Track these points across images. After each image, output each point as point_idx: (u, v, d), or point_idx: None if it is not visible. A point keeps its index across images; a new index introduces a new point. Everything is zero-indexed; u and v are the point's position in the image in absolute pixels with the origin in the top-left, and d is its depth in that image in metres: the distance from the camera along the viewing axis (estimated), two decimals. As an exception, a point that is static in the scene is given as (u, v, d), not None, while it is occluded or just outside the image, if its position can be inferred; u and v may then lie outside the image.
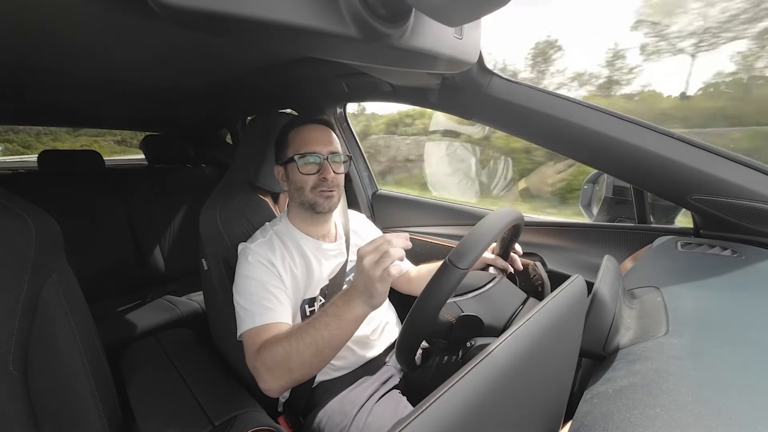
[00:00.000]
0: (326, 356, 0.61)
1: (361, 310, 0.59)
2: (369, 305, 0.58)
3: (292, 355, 0.60)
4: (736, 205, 0.64)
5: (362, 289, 0.57)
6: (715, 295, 0.51)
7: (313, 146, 0.78)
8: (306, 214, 0.82)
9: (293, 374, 0.61)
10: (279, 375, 0.61)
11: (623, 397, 0.35)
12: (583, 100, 0.74)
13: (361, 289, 0.57)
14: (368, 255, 0.56)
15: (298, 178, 0.78)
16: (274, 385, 0.62)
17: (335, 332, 0.59)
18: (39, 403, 0.55)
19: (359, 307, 0.59)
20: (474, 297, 0.66)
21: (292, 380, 0.62)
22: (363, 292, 0.57)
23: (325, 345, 0.59)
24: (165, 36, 0.84)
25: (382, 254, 0.55)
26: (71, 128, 5.77)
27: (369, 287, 0.56)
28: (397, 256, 0.56)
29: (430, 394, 0.26)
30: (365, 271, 0.56)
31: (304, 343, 0.59)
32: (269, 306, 0.69)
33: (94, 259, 1.53)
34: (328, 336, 0.59)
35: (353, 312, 0.59)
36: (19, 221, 0.54)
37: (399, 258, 0.56)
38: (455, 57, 0.52)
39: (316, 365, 0.61)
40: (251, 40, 0.39)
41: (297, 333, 0.61)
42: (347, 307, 0.59)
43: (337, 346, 0.61)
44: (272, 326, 0.67)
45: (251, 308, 0.69)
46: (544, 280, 0.83)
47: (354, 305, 0.59)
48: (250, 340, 0.67)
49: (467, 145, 3.08)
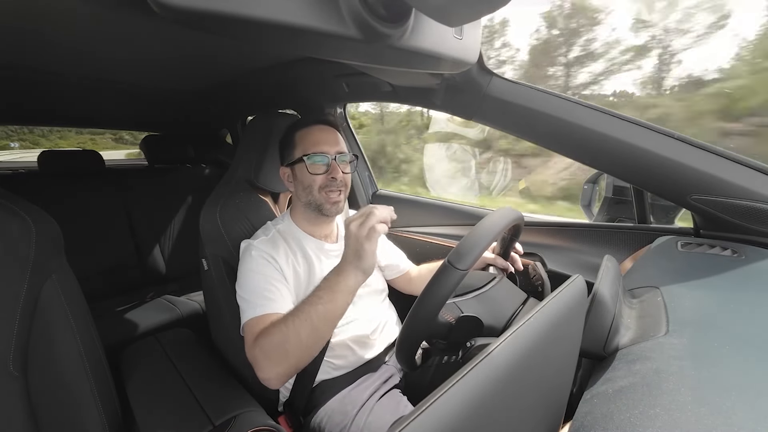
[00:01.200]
0: (322, 333, 0.61)
1: (353, 278, 0.60)
2: (359, 270, 0.60)
3: (289, 335, 0.60)
4: (736, 205, 0.64)
5: (351, 254, 0.60)
6: (715, 295, 0.51)
7: (321, 146, 0.78)
8: (311, 215, 0.83)
9: (290, 358, 0.60)
10: (277, 360, 0.60)
11: (623, 397, 0.35)
12: (583, 100, 0.74)
13: (351, 255, 0.60)
14: (354, 220, 0.61)
15: (306, 178, 0.79)
16: (272, 372, 0.61)
17: (329, 305, 0.60)
18: (39, 403, 0.55)
19: (350, 276, 0.60)
20: (474, 297, 0.66)
21: (290, 366, 0.61)
22: (352, 257, 0.60)
23: (320, 320, 0.60)
24: (165, 36, 0.84)
25: (367, 216, 0.60)
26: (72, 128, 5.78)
27: (357, 249, 0.59)
28: (380, 216, 0.60)
29: (430, 394, 0.26)
30: (352, 234, 0.60)
31: (299, 320, 0.60)
32: (270, 297, 0.70)
33: (94, 259, 1.53)
34: (322, 310, 0.60)
35: (345, 282, 0.60)
36: (19, 221, 0.54)
37: (383, 219, 0.60)
38: (455, 57, 0.52)
39: (313, 344, 0.61)
40: (251, 40, 0.39)
41: (292, 313, 0.62)
42: (338, 277, 0.61)
43: (331, 320, 0.61)
44: (272, 316, 0.67)
45: (252, 299, 0.70)
46: (544, 280, 0.83)
47: (345, 274, 0.61)
48: (250, 330, 0.67)
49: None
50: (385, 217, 0.61)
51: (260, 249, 0.76)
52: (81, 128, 4.12)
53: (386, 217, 0.61)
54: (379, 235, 0.60)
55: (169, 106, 1.60)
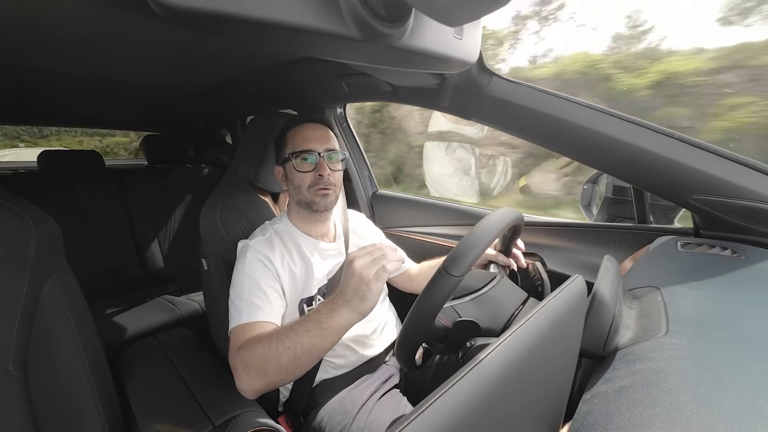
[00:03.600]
0: (303, 363, 0.58)
1: (346, 318, 0.56)
2: (356, 312, 0.56)
3: (270, 356, 0.58)
4: (736, 205, 0.64)
5: (352, 293, 0.55)
6: (715, 295, 0.51)
7: (308, 144, 0.78)
8: (304, 213, 0.83)
9: (269, 377, 0.59)
10: (255, 375, 0.59)
11: (623, 397, 0.35)
12: (583, 100, 0.74)
13: (351, 295, 0.55)
14: (359, 258, 0.55)
15: (295, 176, 0.79)
16: (249, 385, 0.60)
17: (315, 340, 0.57)
18: (39, 403, 0.55)
19: (344, 315, 0.56)
20: (471, 300, 0.65)
21: (267, 383, 0.60)
22: (353, 296, 0.55)
23: (303, 352, 0.57)
24: (165, 36, 0.84)
25: (376, 257, 0.55)
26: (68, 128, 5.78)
27: (361, 290, 0.54)
28: (393, 257, 0.56)
29: (430, 394, 0.26)
30: (356, 273, 0.54)
31: (282, 346, 0.57)
32: (258, 304, 0.69)
33: (94, 259, 1.52)
34: (307, 343, 0.57)
35: (337, 320, 0.56)
36: (19, 221, 0.54)
37: (396, 258, 0.56)
38: (455, 57, 0.52)
39: (293, 372, 0.58)
40: (251, 40, 0.39)
41: (278, 335, 0.60)
42: (331, 314, 0.56)
43: (315, 354, 0.58)
44: (257, 325, 0.67)
45: (240, 305, 0.70)
46: (544, 280, 0.82)
47: (339, 313, 0.56)
48: (234, 337, 0.67)
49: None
50: (399, 257, 0.57)
51: (256, 250, 0.76)
52: (81, 128, 4.11)
53: (399, 256, 0.57)
54: (389, 275, 0.55)
55: (169, 106, 1.60)
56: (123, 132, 4.30)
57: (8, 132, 7.90)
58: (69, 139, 7.89)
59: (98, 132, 6.77)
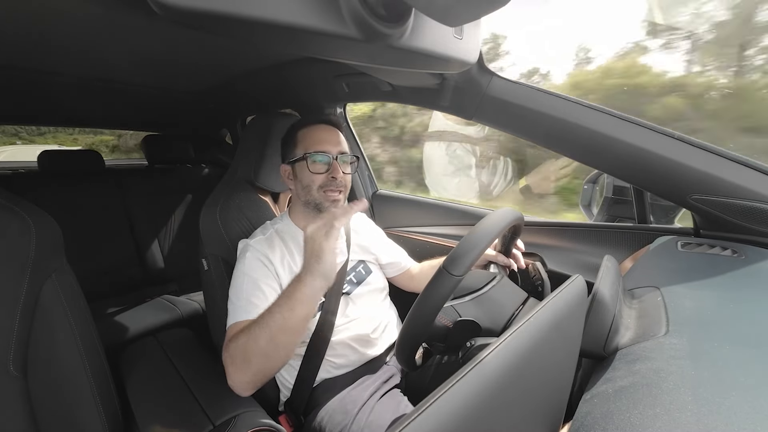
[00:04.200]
0: (280, 341, 0.59)
1: (310, 285, 0.59)
2: (318, 275, 0.59)
3: (249, 343, 0.60)
4: (736, 205, 0.64)
5: (310, 257, 0.59)
6: (715, 295, 0.51)
7: (323, 146, 0.78)
8: (310, 214, 0.82)
9: (252, 365, 0.60)
10: (240, 367, 0.61)
11: (623, 397, 0.35)
12: (583, 100, 0.74)
13: (310, 259, 0.59)
14: (311, 224, 0.61)
15: (306, 176, 0.78)
16: (237, 379, 0.61)
17: (286, 313, 0.59)
18: (39, 404, 0.55)
19: (307, 281, 0.59)
20: (471, 300, 0.65)
21: (253, 373, 0.61)
22: (311, 260, 0.59)
23: (277, 328, 0.59)
24: (165, 36, 0.84)
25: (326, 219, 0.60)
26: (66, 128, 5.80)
27: (315, 250, 0.59)
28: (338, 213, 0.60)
29: (430, 394, 0.26)
30: (308, 237, 0.60)
31: (258, 328, 0.60)
32: (255, 303, 0.69)
33: (94, 258, 1.53)
34: (279, 318, 0.59)
35: (303, 290, 0.59)
36: (19, 221, 0.54)
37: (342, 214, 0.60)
38: (455, 57, 0.52)
39: (272, 353, 0.60)
40: (251, 40, 0.39)
41: (256, 320, 0.62)
42: (297, 284, 0.60)
43: (289, 329, 0.59)
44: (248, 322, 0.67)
45: (238, 303, 0.70)
46: (544, 280, 0.82)
47: (303, 282, 0.59)
48: (228, 335, 0.67)
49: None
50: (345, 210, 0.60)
51: (256, 249, 0.76)
52: (81, 128, 4.12)
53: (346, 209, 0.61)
54: (338, 231, 0.59)
55: (169, 106, 1.60)
56: (111, 132, 4.29)
57: (6, 130, 7.99)
58: (64, 137, 7.98)
59: (93, 130, 6.86)
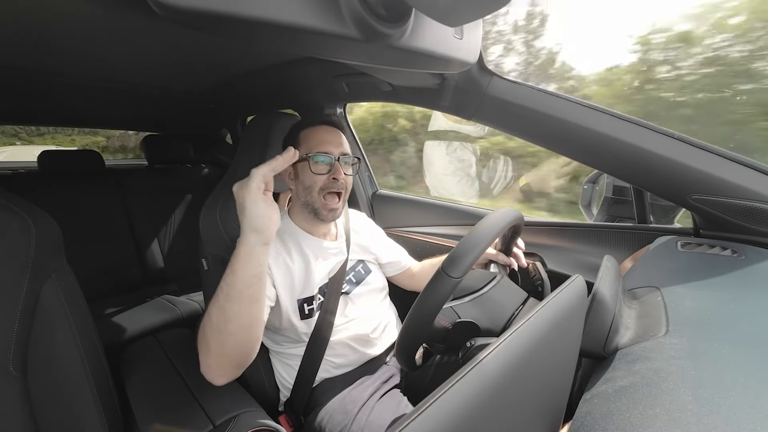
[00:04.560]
0: (229, 314, 0.58)
1: (244, 243, 0.59)
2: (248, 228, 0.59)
3: (206, 323, 0.60)
4: (736, 205, 0.64)
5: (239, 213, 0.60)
6: (715, 295, 0.51)
7: (325, 146, 0.78)
8: (308, 215, 0.82)
9: (211, 347, 0.60)
10: (204, 352, 0.61)
11: (623, 397, 0.35)
12: (582, 100, 0.74)
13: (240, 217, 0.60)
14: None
15: (308, 177, 0.78)
16: (204, 365, 0.61)
17: (229, 278, 0.59)
18: (39, 404, 0.55)
19: (242, 241, 0.60)
20: (471, 301, 0.65)
21: (216, 357, 0.61)
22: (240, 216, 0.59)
23: (225, 298, 0.59)
24: (165, 36, 0.84)
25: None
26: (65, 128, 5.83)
27: (240, 204, 0.59)
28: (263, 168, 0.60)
29: (430, 395, 0.26)
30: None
31: (211, 306, 0.60)
32: None
33: (94, 259, 1.53)
34: (225, 288, 0.59)
35: (238, 249, 0.60)
36: (19, 221, 0.54)
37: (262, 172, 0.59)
38: (455, 57, 0.52)
39: (224, 328, 0.59)
40: (251, 41, 0.39)
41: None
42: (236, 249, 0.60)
43: (236, 296, 0.59)
44: None
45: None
46: (544, 280, 0.82)
47: (239, 242, 0.60)
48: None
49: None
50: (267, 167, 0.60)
51: None
52: (81, 128, 4.12)
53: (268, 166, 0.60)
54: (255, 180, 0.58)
55: (169, 106, 1.59)
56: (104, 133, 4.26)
57: (6, 130, 8.02)
58: (62, 138, 8.02)
59: (92, 131, 6.90)
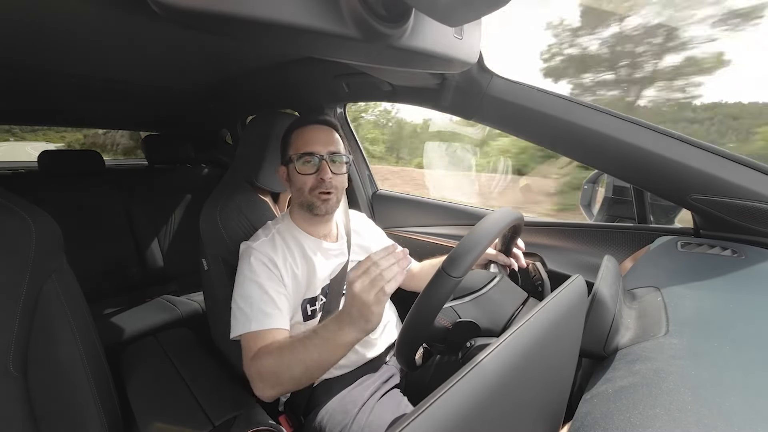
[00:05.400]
0: (314, 374, 0.61)
1: (353, 336, 0.57)
2: (362, 331, 0.57)
3: (283, 369, 0.61)
4: (736, 205, 0.64)
5: (356, 315, 0.55)
6: (715, 295, 0.51)
7: (312, 146, 0.78)
8: (306, 215, 0.82)
9: (284, 385, 0.63)
10: (270, 385, 0.62)
11: (623, 397, 0.35)
12: (583, 100, 0.74)
13: (356, 316, 0.55)
14: (357, 280, 0.54)
15: (297, 178, 0.79)
16: (267, 393, 0.63)
17: (324, 355, 0.59)
18: (39, 403, 0.55)
19: (351, 334, 0.57)
20: (471, 301, 0.65)
21: (284, 390, 0.64)
22: (358, 318, 0.55)
23: (314, 365, 0.60)
24: (165, 36, 0.84)
25: (373, 278, 0.54)
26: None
27: (364, 312, 0.54)
28: (389, 277, 0.54)
29: (430, 395, 0.26)
30: (357, 297, 0.54)
31: (294, 360, 0.60)
32: (267, 311, 0.69)
33: (94, 259, 1.52)
34: (317, 357, 0.59)
35: (345, 338, 0.57)
36: (19, 221, 0.54)
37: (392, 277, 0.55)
38: (455, 57, 0.52)
39: (306, 380, 0.62)
40: (251, 40, 0.39)
41: (289, 348, 0.62)
42: (340, 332, 0.57)
43: (325, 366, 0.60)
44: (269, 333, 0.68)
45: (250, 312, 0.69)
46: (544, 280, 0.82)
47: (346, 332, 0.57)
48: (247, 345, 0.68)
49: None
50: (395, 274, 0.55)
51: (259, 252, 0.75)
52: (81, 128, 4.13)
53: (395, 271, 0.55)
54: (388, 296, 0.54)
55: (169, 106, 1.60)
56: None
57: (0, 126, 8.11)
58: (52, 134, 8.06)
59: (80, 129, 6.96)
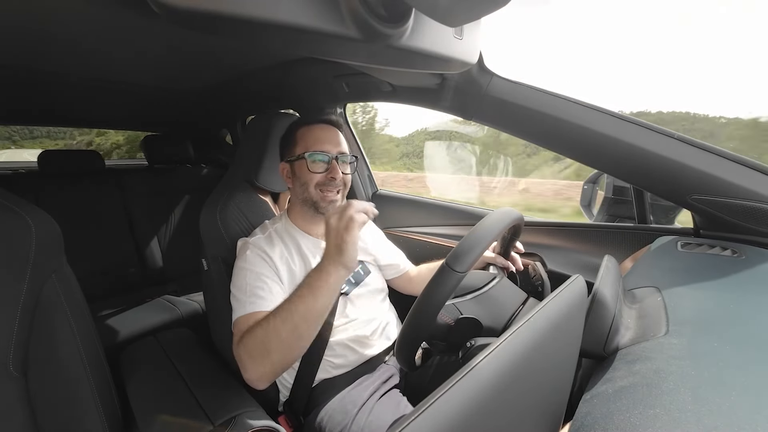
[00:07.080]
0: (303, 331, 0.61)
1: (334, 274, 0.60)
2: (340, 265, 0.60)
3: (270, 334, 0.60)
4: (736, 205, 0.64)
5: (333, 248, 0.60)
6: (715, 295, 0.51)
7: (323, 145, 0.78)
8: (307, 212, 0.83)
9: (272, 356, 0.61)
10: (259, 359, 0.61)
11: (623, 398, 0.35)
12: (583, 100, 0.74)
13: (332, 250, 0.60)
14: (333, 215, 0.62)
15: (304, 175, 0.79)
16: (254, 372, 0.62)
17: (309, 303, 0.60)
18: (39, 404, 0.55)
19: (331, 272, 0.60)
20: (473, 298, 0.65)
21: (272, 365, 0.62)
22: (334, 251, 0.60)
23: (301, 319, 0.59)
24: (165, 36, 0.84)
25: (345, 208, 0.60)
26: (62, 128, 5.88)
27: (338, 243, 0.59)
28: (359, 207, 0.60)
29: (430, 395, 0.26)
30: (332, 228, 0.60)
31: (280, 319, 0.60)
32: (261, 294, 0.70)
33: (94, 259, 1.52)
34: (303, 309, 0.60)
35: (326, 278, 0.60)
36: (19, 221, 0.53)
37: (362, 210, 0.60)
38: (455, 57, 0.52)
39: (295, 343, 0.61)
40: (251, 40, 0.39)
41: (274, 312, 0.62)
42: (320, 274, 0.61)
43: (313, 318, 0.61)
44: (260, 314, 0.67)
45: (243, 297, 0.70)
46: (544, 280, 0.83)
47: (326, 271, 0.60)
48: (237, 329, 0.68)
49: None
50: (365, 208, 0.61)
51: (255, 246, 0.76)
52: (80, 128, 4.13)
53: (365, 208, 0.61)
54: (359, 225, 0.60)
55: (169, 106, 1.60)
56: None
57: (1, 134, 8.15)
58: (49, 142, 8.21)
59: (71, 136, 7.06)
